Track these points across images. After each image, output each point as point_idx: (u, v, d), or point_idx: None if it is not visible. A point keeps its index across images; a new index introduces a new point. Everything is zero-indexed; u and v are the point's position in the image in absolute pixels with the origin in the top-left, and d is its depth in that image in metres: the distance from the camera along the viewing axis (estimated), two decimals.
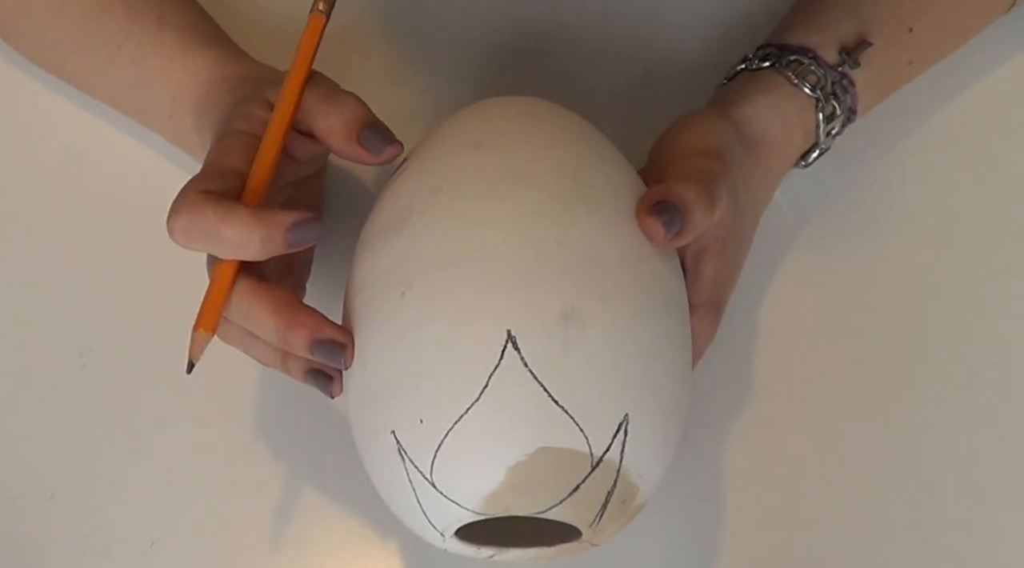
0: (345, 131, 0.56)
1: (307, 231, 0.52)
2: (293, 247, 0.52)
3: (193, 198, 0.52)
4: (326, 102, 0.57)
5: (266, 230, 0.52)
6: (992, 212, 0.69)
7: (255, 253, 0.52)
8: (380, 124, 0.57)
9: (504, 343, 0.49)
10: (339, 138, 0.56)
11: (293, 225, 0.52)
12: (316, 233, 0.53)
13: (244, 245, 0.52)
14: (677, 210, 0.53)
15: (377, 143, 0.56)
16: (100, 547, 0.63)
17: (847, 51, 0.64)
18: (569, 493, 0.50)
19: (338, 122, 0.56)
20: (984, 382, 0.66)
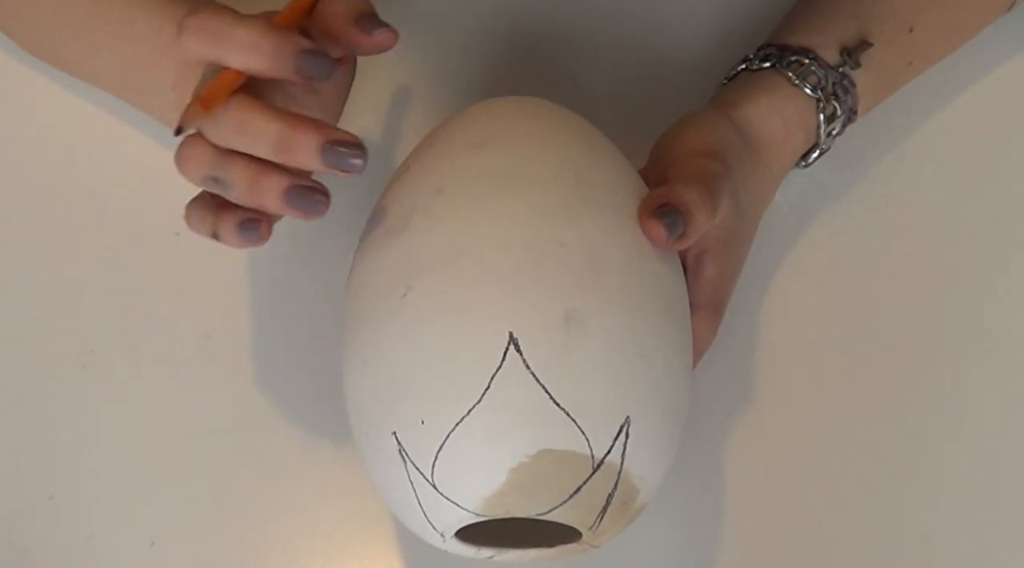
0: (349, 16, 0.55)
1: (318, 63, 0.52)
2: (299, 73, 0.52)
3: (212, 6, 0.53)
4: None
5: (279, 40, 0.51)
6: (992, 212, 0.69)
7: (262, 64, 0.52)
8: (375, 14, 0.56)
9: (506, 345, 0.49)
10: (345, 21, 0.55)
11: (305, 50, 0.52)
12: (327, 68, 0.52)
13: (254, 51, 0.52)
14: (680, 213, 0.53)
15: (370, 25, 0.55)
16: (100, 547, 0.63)
17: (848, 51, 0.64)
18: (570, 495, 0.50)
19: (343, 7, 0.55)
20: (984, 382, 0.66)
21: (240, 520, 0.63)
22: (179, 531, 0.63)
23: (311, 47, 0.52)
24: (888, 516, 0.63)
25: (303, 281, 0.66)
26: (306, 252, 0.66)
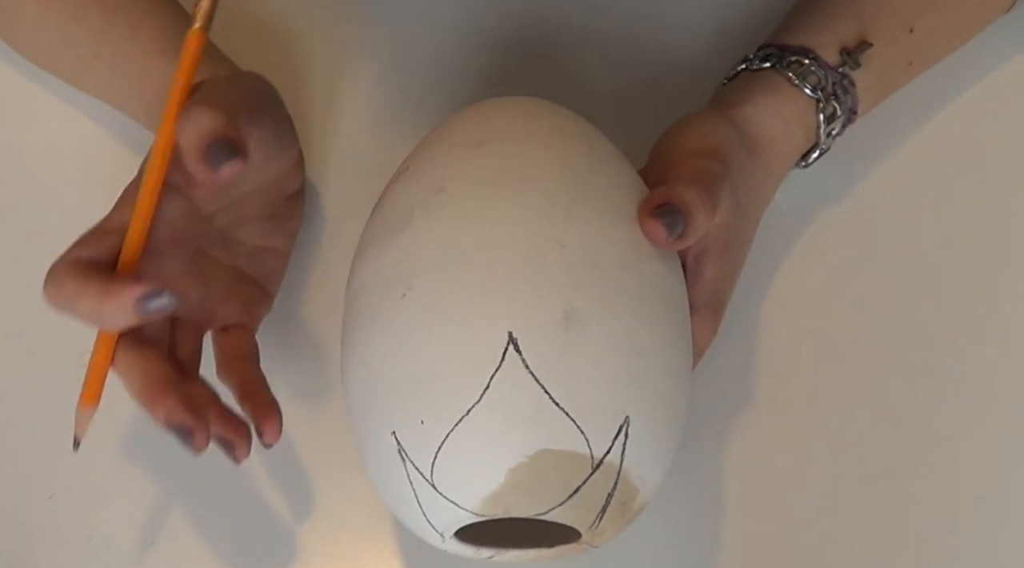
0: (195, 150, 0.52)
1: (158, 303, 0.51)
2: (149, 318, 0.52)
3: (59, 270, 0.52)
4: (182, 119, 0.53)
5: (114, 304, 0.51)
6: (992, 212, 0.69)
7: (113, 326, 0.53)
8: (231, 137, 0.52)
9: (505, 345, 0.49)
10: (191, 158, 0.52)
11: (141, 298, 0.51)
12: (167, 304, 0.51)
13: (99, 319, 0.52)
14: (680, 213, 0.53)
15: (218, 157, 0.52)
16: (100, 547, 0.63)
17: (847, 52, 0.64)
18: (569, 495, 0.50)
19: (190, 139, 0.52)
20: (984, 382, 0.66)
21: (240, 520, 0.63)
22: (179, 531, 0.63)
23: (145, 292, 0.51)
24: (888, 516, 0.63)
25: (303, 281, 0.66)
26: (306, 252, 0.66)
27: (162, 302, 0.51)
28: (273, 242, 0.62)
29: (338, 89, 0.71)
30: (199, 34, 0.56)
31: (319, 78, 0.71)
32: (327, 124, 0.70)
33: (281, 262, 0.63)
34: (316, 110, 0.70)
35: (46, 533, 0.63)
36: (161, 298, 0.51)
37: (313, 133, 0.69)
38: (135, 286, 0.51)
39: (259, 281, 0.62)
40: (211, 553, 0.63)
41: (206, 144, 0.52)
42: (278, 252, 0.63)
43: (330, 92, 0.71)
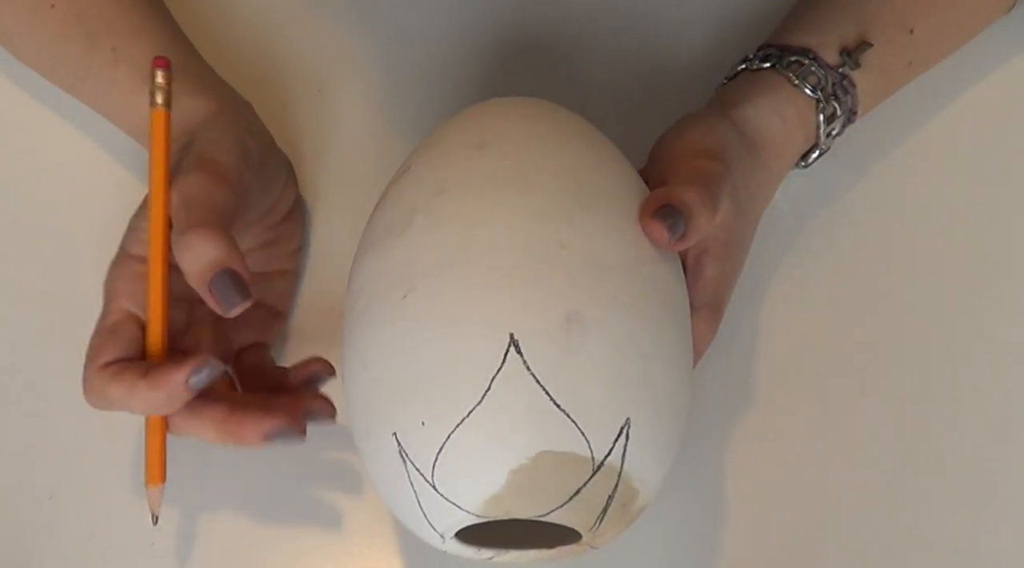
0: (197, 276, 0.53)
1: (207, 374, 0.53)
2: (199, 390, 0.53)
3: (94, 382, 0.54)
4: (178, 244, 0.53)
5: (166, 391, 0.52)
6: (992, 212, 0.69)
7: (167, 411, 0.54)
8: (231, 271, 0.53)
9: (507, 347, 0.49)
10: (193, 281, 0.53)
11: (191, 376, 0.52)
12: (216, 371, 0.53)
13: (154, 409, 0.53)
14: (681, 214, 0.53)
15: (227, 295, 0.53)
16: (100, 547, 0.63)
17: (848, 52, 0.64)
18: (570, 497, 0.50)
19: (190, 265, 0.53)
20: (985, 382, 0.66)
21: (240, 520, 0.63)
22: (179, 531, 0.63)
23: (193, 369, 0.52)
24: (889, 517, 0.63)
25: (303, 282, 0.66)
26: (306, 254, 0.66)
27: (210, 372, 0.53)
28: (277, 265, 0.63)
29: (338, 89, 0.71)
30: (162, 112, 0.56)
31: (319, 79, 0.71)
32: (327, 125, 0.70)
33: (289, 281, 0.63)
34: (316, 111, 0.70)
35: (46, 533, 0.63)
36: (207, 369, 0.52)
37: (313, 134, 0.69)
38: (181, 369, 0.52)
39: (270, 304, 0.62)
40: (211, 553, 0.63)
41: (211, 276, 0.53)
42: (284, 273, 0.63)
43: (330, 93, 0.70)
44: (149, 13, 0.65)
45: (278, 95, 0.70)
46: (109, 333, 0.55)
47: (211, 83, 0.64)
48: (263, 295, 0.62)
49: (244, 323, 0.60)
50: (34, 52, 0.66)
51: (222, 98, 0.62)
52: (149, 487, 0.56)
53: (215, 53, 0.70)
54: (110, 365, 0.54)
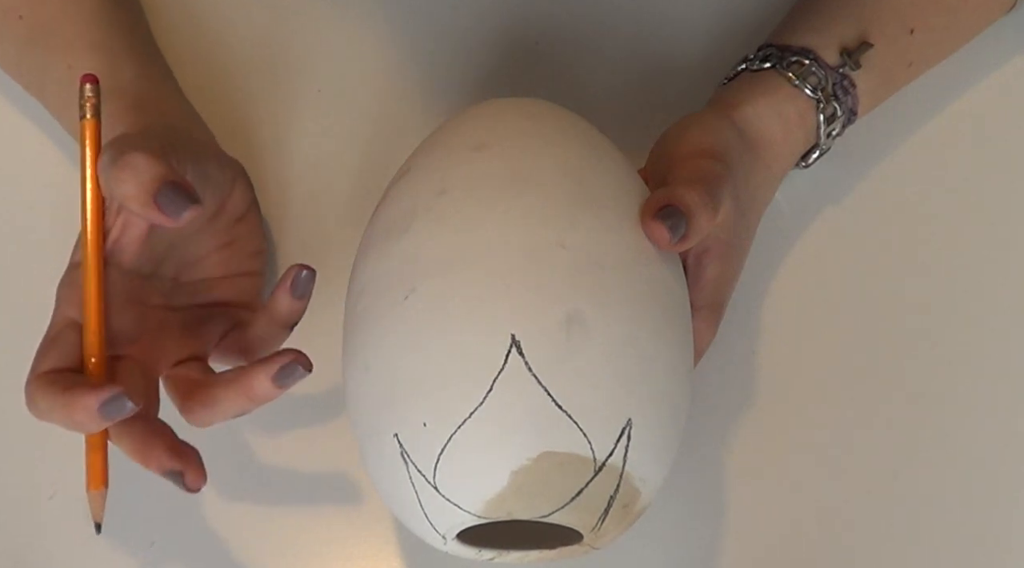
0: (141, 195, 0.52)
1: (118, 408, 0.52)
2: (114, 420, 0.52)
3: (29, 387, 0.54)
4: (115, 166, 0.52)
5: (81, 414, 0.52)
6: (992, 212, 0.69)
7: (89, 431, 0.54)
8: (178, 181, 0.52)
9: (508, 348, 0.49)
10: (136, 203, 0.52)
11: (102, 407, 0.51)
12: (128, 407, 0.52)
13: (76, 428, 0.53)
14: (682, 215, 0.53)
15: (175, 203, 0.52)
16: (100, 547, 0.63)
17: (848, 52, 0.64)
18: (572, 498, 0.50)
19: (132, 186, 0.52)
20: (985, 382, 0.66)
21: (240, 521, 0.63)
22: (179, 531, 0.63)
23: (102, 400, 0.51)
24: (889, 517, 0.63)
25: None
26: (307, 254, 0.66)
27: (122, 407, 0.52)
28: (239, 267, 0.62)
29: (338, 89, 0.70)
30: (92, 123, 0.56)
31: (319, 79, 0.71)
32: (327, 125, 0.70)
33: (254, 282, 0.63)
34: (316, 111, 0.70)
35: (46, 533, 0.63)
36: (120, 403, 0.52)
37: (313, 134, 0.69)
38: (91, 396, 0.51)
39: (238, 303, 0.62)
40: (211, 553, 0.63)
41: (155, 190, 0.52)
42: (248, 275, 0.63)
43: (330, 93, 0.70)
44: (112, 28, 0.65)
45: (278, 95, 0.70)
46: (51, 341, 0.55)
47: (151, 101, 0.63)
48: (231, 295, 0.61)
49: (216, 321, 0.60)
50: (4, 61, 0.67)
51: (157, 114, 0.62)
52: (91, 492, 0.55)
53: (215, 53, 0.70)
54: (46, 374, 0.54)
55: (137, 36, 0.66)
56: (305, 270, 0.57)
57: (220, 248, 0.61)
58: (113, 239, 0.56)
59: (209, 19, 0.72)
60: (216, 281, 0.61)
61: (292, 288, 0.56)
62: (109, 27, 0.65)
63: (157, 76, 0.65)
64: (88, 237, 0.55)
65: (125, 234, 0.56)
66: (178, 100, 0.65)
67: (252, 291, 0.63)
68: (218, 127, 0.66)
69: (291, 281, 0.56)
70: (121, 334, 0.56)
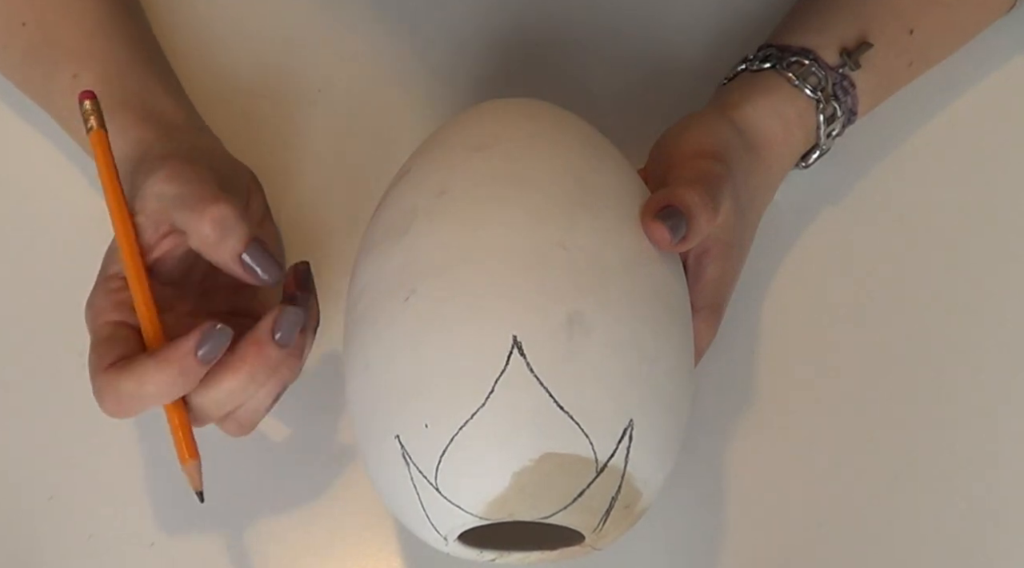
0: (228, 249, 0.54)
1: (215, 342, 0.52)
2: (211, 361, 0.52)
3: (102, 381, 0.53)
4: (197, 215, 0.54)
5: (177, 366, 0.51)
6: (992, 212, 0.69)
7: (185, 388, 0.53)
8: (261, 242, 0.55)
9: (510, 349, 0.49)
10: (221, 257, 0.54)
11: (198, 345, 0.51)
12: (225, 338, 0.52)
13: (170, 390, 0.52)
14: (682, 215, 0.53)
15: (264, 264, 0.55)
16: (100, 547, 0.63)
17: (848, 53, 0.64)
18: (573, 499, 0.50)
19: (219, 238, 0.54)
20: (985, 382, 0.66)
21: (241, 521, 0.63)
22: (179, 531, 0.63)
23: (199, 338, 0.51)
24: (889, 517, 0.63)
25: None
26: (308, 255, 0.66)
27: (219, 339, 0.52)
28: None
29: (338, 90, 0.70)
30: (99, 133, 0.56)
31: (319, 79, 0.71)
32: (327, 125, 0.69)
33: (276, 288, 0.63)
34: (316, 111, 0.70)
35: (46, 533, 0.63)
36: (215, 336, 0.52)
37: (313, 134, 0.69)
38: (188, 339, 0.51)
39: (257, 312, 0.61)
40: (211, 553, 0.63)
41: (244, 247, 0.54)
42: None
43: (330, 93, 0.70)
44: (115, 34, 0.65)
45: (278, 95, 0.70)
46: (103, 342, 0.54)
47: (157, 111, 0.63)
48: (253, 303, 0.61)
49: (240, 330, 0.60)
50: (9, 69, 0.67)
51: (165, 125, 0.62)
52: (185, 465, 0.55)
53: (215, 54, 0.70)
54: (115, 363, 0.53)
55: (142, 43, 0.66)
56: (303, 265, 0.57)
57: None
58: (156, 257, 0.56)
59: (210, 20, 0.72)
60: (239, 288, 0.61)
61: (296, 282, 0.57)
62: (113, 35, 0.65)
63: (163, 84, 0.65)
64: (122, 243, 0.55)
65: (169, 252, 0.56)
66: (185, 109, 0.65)
67: (273, 298, 0.63)
68: (219, 128, 0.66)
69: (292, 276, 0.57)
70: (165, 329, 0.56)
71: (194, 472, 0.55)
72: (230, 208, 0.54)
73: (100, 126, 0.56)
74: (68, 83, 0.63)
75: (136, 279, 0.55)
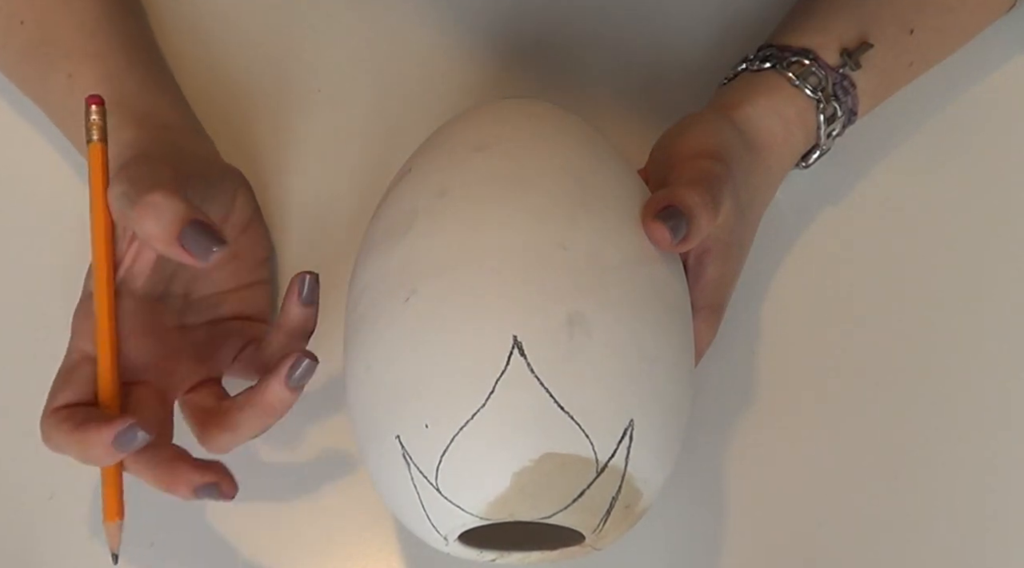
0: (164, 235, 0.52)
1: (132, 440, 0.52)
2: (128, 451, 0.52)
3: (45, 423, 0.54)
4: (136, 207, 0.53)
5: (95, 449, 0.52)
6: (992, 213, 0.69)
7: (105, 464, 0.53)
8: (202, 220, 0.52)
9: (510, 349, 0.49)
10: (160, 243, 0.52)
11: (115, 440, 0.52)
12: (141, 438, 0.52)
13: (91, 461, 0.53)
14: (683, 216, 0.53)
15: (202, 244, 0.52)
16: (100, 547, 0.62)
17: (848, 53, 0.64)
18: (574, 499, 0.50)
19: (153, 226, 0.52)
20: (985, 383, 0.66)
21: (241, 521, 0.63)
22: (179, 531, 0.63)
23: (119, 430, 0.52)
24: (889, 517, 0.63)
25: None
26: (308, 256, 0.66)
27: (135, 438, 0.52)
28: (247, 278, 0.62)
29: (338, 90, 0.70)
30: (98, 147, 0.56)
31: (319, 79, 0.71)
32: (327, 125, 0.69)
33: (263, 291, 0.63)
34: (316, 111, 0.70)
35: (46, 533, 0.63)
36: (132, 434, 0.52)
37: (313, 135, 0.69)
38: (104, 430, 0.52)
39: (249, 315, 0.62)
40: (211, 553, 0.63)
41: (179, 230, 0.52)
42: (256, 284, 0.63)
43: (330, 93, 0.70)
44: (114, 36, 0.64)
45: (278, 95, 0.70)
46: (65, 375, 0.55)
47: (152, 112, 0.63)
48: (241, 307, 0.61)
49: (229, 337, 0.60)
50: (7, 67, 0.67)
51: (159, 127, 0.62)
52: (108, 524, 0.55)
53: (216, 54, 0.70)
54: (60, 410, 0.54)
55: (140, 44, 0.66)
56: (309, 275, 0.56)
57: (226, 261, 0.61)
58: (126, 267, 0.56)
59: (210, 20, 0.72)
60: (225, 294, 0.61)
61: (300, 296, 0.56)
62: (111, 35, 0.64)
63: (159, 86, 0.65)
64: (97, 269, 0.55)
65: (138, 262, 0.56)
66: (180, 111, 0.65)
67: (262, 301, 0.63)
68: (219, 128, 0.66)
69: (298, 289, 0.56)
70: (136, 361, 0.56)
71: (115, 532, 0.55)
72: (163, 194, 0.52)
73: (101, 139, 0.56)
74: (64, 83, 0.63)
75: (102, 321, 0.55)
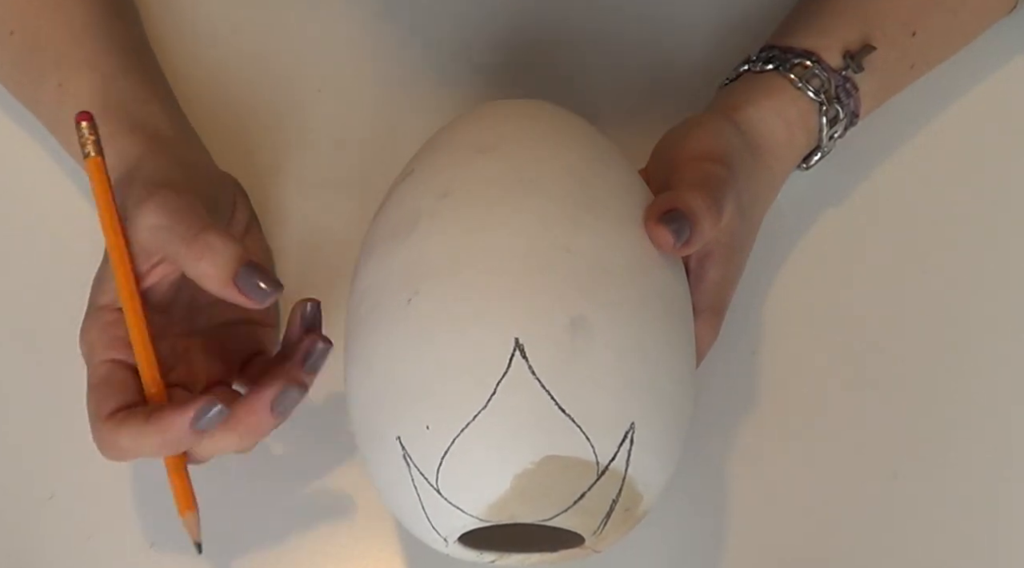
0: (219, 276, 0.53)
1: (212, 415, 0.52)
2: (205, 435, 0.52)
3: (103, 434, 0.53)
4: (191, 247, 0.53)
5: (175, 432, 0.52)
6: (992, 213, 0.69)
7: (179, 451, 0.54)
8: (255, 263, 0.54)
9: (512, 351, 0.49)
10: (215, 284, 0.53)
11: (195, 418, 0.51)
12: (219, 411, 0.52)
13: (166, 452, 0.53)
14: (686, 219, 0.53)
15: (257, 288, 0.53)
16: (100, 547, 0.63)
17: (851, 55, 0.64)
18: (574, 501, 0.50)
19: (209, 267, 0.53)
20: (985, 383, 0.66)
21: (240, 522, 0.63)
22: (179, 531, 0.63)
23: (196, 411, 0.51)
24: (890, 518, 0.63)
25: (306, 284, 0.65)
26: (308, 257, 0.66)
27: (214, 412, 0.52)
28: None
29: (339, 90, 0.70)
30: (96, 161, 0.56)
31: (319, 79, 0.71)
32: (328, 126, 0.69)
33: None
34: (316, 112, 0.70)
35: (46, 533, 0.63)
36: (211, 409, 0.52)
37: (314, 135, 0.69)
38: (184, 411, 0.52)
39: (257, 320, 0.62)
40: (211, 553, 0.63)
41: (234, 272, 0.53)
42: None
43: (330, 93, 0.70)
44: (105, 42, 0.64)
45: (278, 95, 0.70)
46: (102, 385, 0.55)
47: (144, 121, 0.62)
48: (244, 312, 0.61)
49: (236, 342, 0.60)
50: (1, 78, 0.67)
51: (152, 136, 0.62)
52: (184, 516, 0.55)
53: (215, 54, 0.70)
54: (114, 414, 0.53)
55: (131, 48, 0.66)
56: (310, 303, 0.57)
57: None
58: (148, 286, 0.56)
59: (208, 19, 0.72)
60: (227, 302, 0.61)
61: (302, 322, 0.57)
62: (101, 41, 0.64)
63: (152, 92, 0.64)
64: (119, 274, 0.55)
65: (161, 282, 0.56)
66: (174, 117, 0.65)
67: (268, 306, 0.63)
68: (218, 129, 0.66)
69: (300, 317, 0.57)
70: (163, 365, 0.56)
71: (193, 522, 0.56)
72: (217, 235, 0.53)
73: (98, 152, 0.56)
74: (54, 92, 0.62)
75: (138, 331, 0.55)
